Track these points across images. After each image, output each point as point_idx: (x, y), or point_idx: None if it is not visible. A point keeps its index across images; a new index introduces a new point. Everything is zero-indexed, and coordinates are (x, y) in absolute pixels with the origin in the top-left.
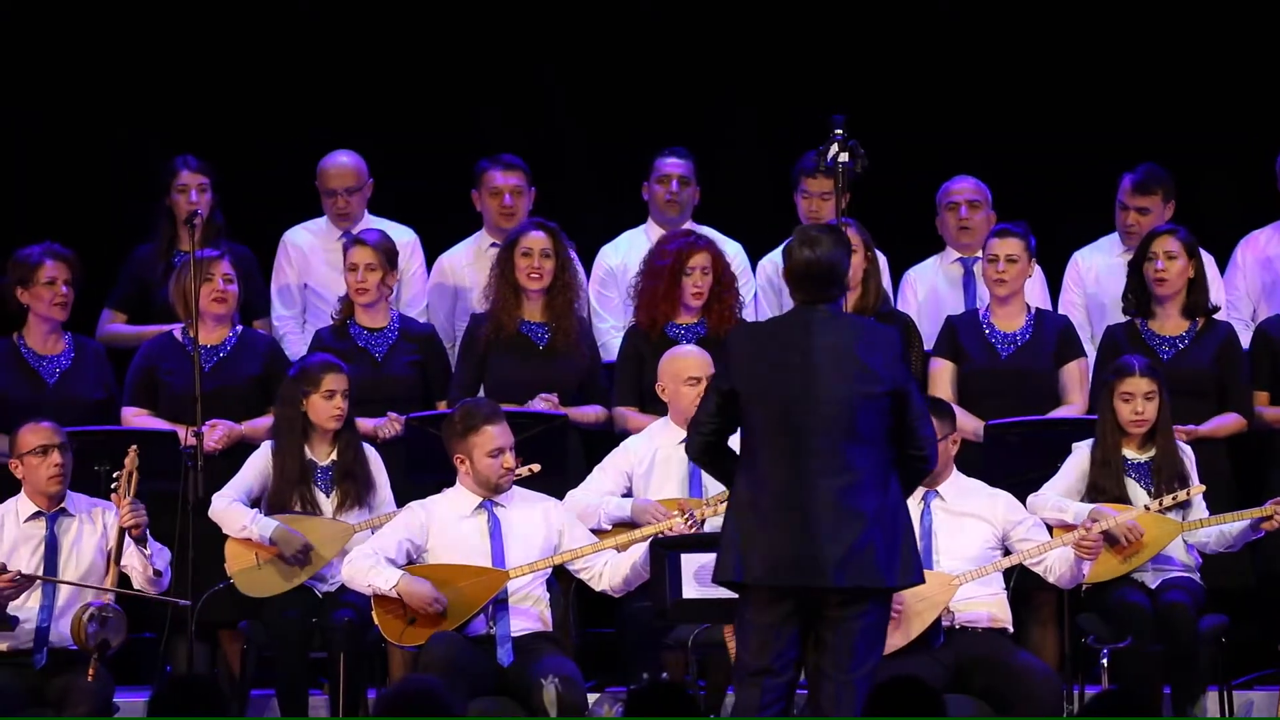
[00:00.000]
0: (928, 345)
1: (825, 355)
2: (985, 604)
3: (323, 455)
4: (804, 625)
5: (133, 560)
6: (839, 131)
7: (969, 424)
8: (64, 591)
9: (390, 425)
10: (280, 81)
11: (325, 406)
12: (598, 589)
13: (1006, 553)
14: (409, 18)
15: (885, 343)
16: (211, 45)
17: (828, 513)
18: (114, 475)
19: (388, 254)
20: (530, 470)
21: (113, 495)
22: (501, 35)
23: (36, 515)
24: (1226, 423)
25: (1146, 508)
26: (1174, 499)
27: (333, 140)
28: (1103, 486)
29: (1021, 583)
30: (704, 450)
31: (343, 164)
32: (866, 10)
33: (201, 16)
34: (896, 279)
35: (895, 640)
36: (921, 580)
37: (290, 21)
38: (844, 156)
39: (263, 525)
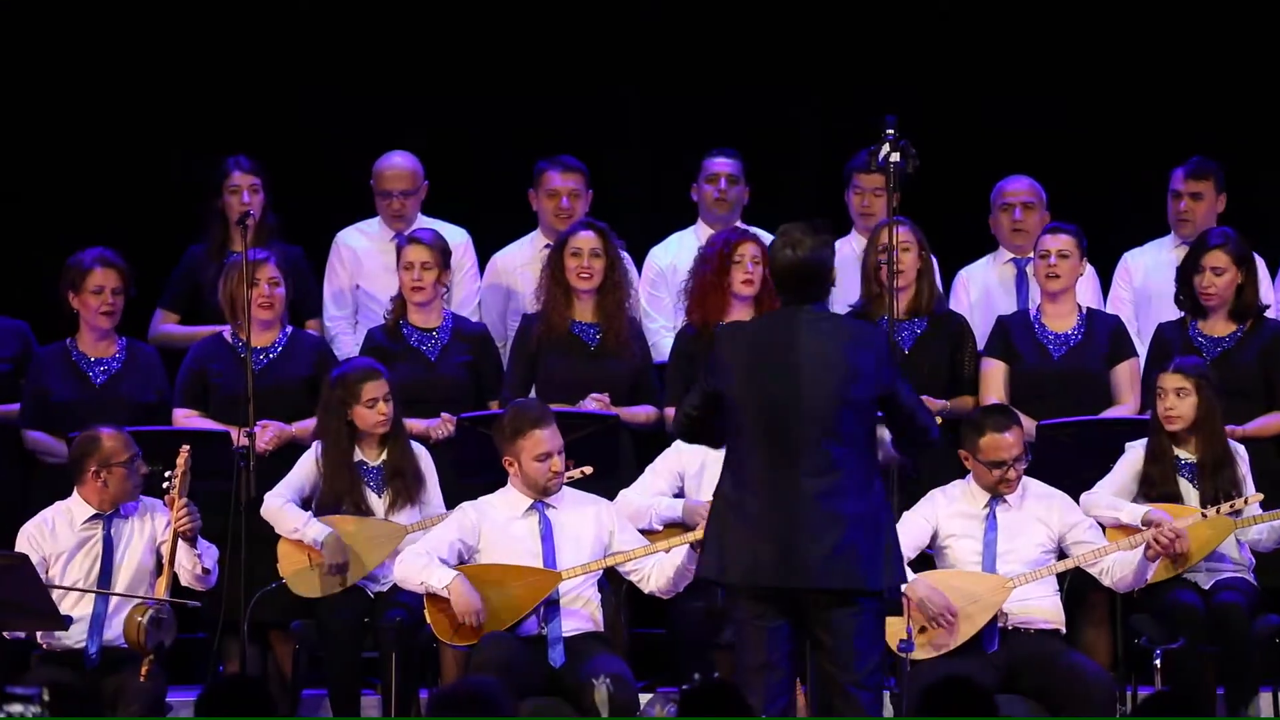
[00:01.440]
0: (980, 345)
1: (810, 357)
2: (1038, 605)
3: (373, 456)
4: (795, 621)
5: (181, 558)
6: (890, 131)
7: (1025, 424)
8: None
9: (443, 426)
10: (336, 81)
11: (369, 414)
12: (646, 590)
13: (1062, 555)
14: (466, 17)
15: (872, 344)
16: (266, 46)
17: (810, 515)
18: (167, 476)
19: (443, 253)
20: (583, 473)
21: (166, 496)
22: (556, 36)
23: (94, 518)
24: (1272, 422)
25: (1204, 514)
26: (1231, 506)
27: (388, 140)
28: (1156, 486)
29: (1075, 584)
30: (686, 433)
31: (398, 165)
32: (919, 9)
33: (257, 17)
34: (948, 278)
35: (948, 642)
36: (904, 579)
37: (347, 21)
38: (895, 156)
39: (315, 529)
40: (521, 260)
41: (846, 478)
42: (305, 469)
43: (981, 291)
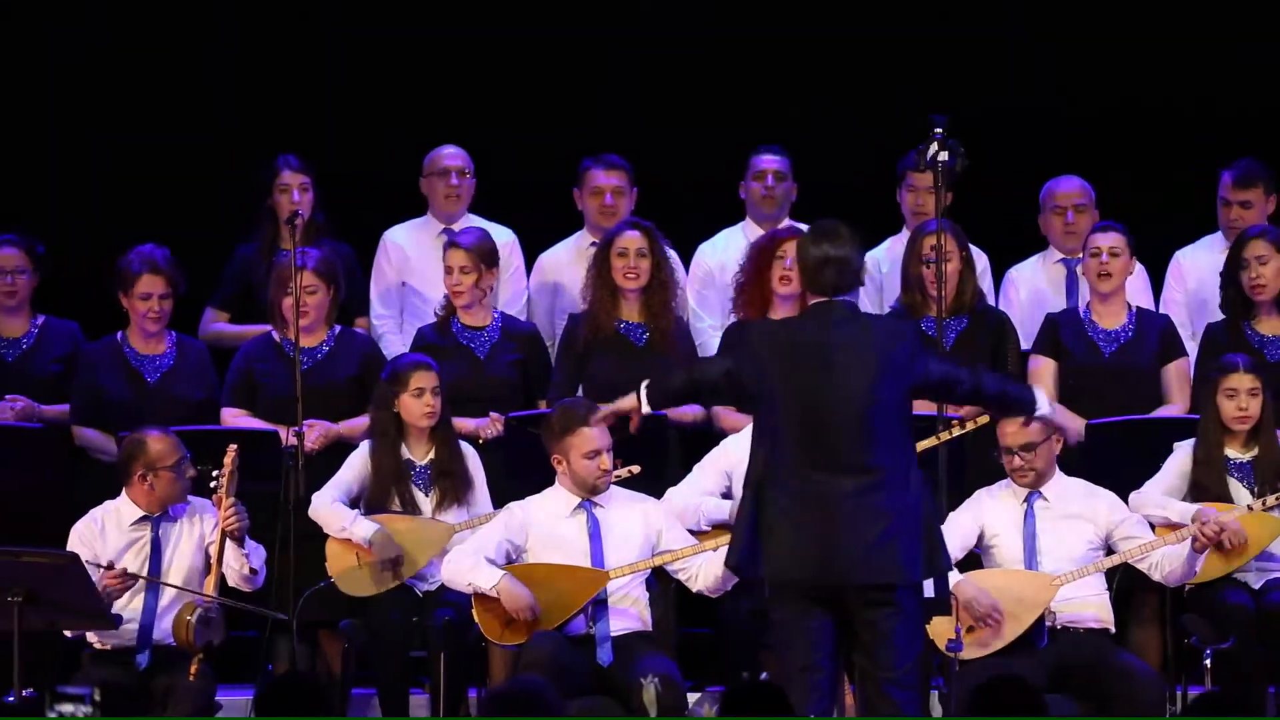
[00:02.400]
0: (1027, 344)
1: (844, 354)
2: (1087, 605)
3: (420, 454)
4: (836, 621)
5: (229, 558)
6: (939, 131)
7: (1070, 424)
8: (167, 592)
9: (492, 425)
10: (383, 80)
11: (416, 405)
12: (694, 589)
13: (1110, 552)
14: (510, 17)
15: (903, 337)
16: (315, 46)
17: (848, 511)
18: (215, 475)
19: (484, 255)
20: (630, 472)
21: (214, 495)
22: (601, 34)
23: (142, 519)
24: None
25: (1249, 507)
26: (1278, 499)
27: (435, 139)
28: (1205, 485)
29: (1124, 583)
30: (688, 394)
31: (454, 149)
32: (966, 8)
33: (309, 18)
34: (998, 277)
35: (995, 642)
36: (949, 566)
37: (392, 21)
38: (944, 155)
39: (363, 528)
40: (567, 258)
41: (885, 472)
42: (353, 469)
43: (1031, 291)
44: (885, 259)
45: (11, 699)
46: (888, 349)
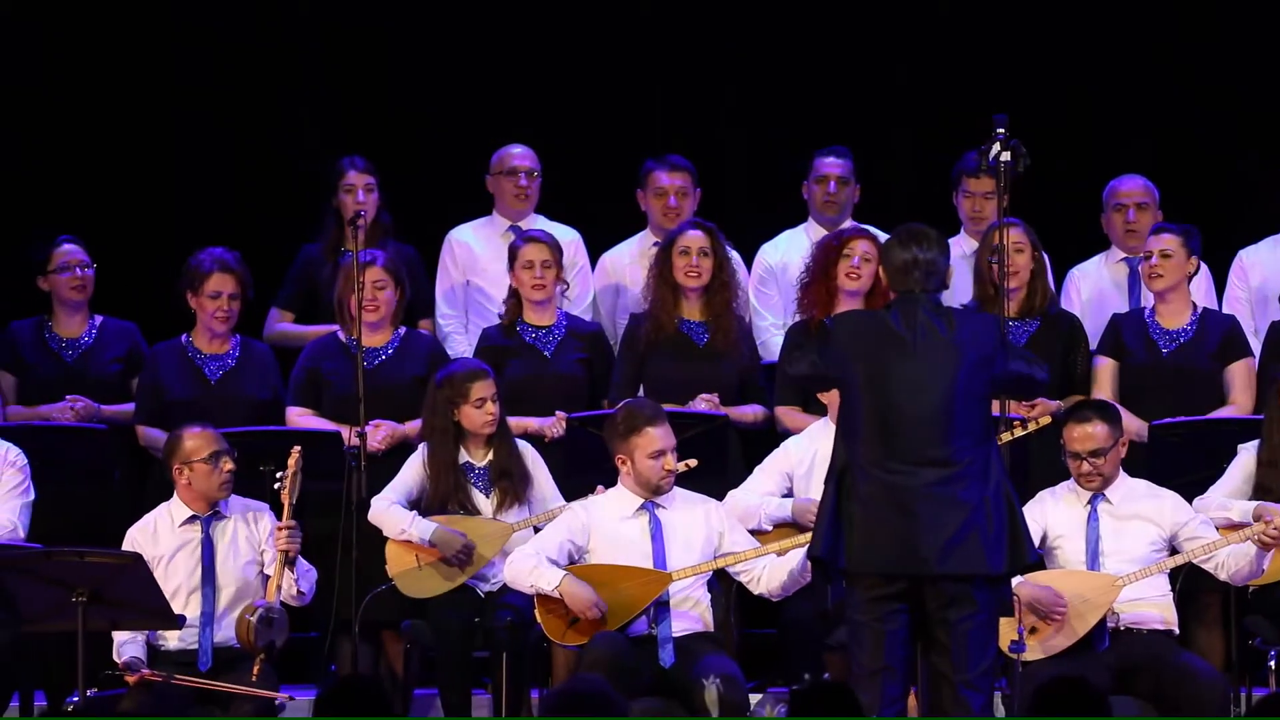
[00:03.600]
0: (1093, 344)
1: (927, 345)
2: (1151, 605)
3: (479, 456)
4: (913, 622)
5: (281, 580)
6: (1001, 131)
7: (1133, 424)
8: (226, 592)
9: (558, 425)
10: (447, 80)
11: (477, 415)
12: (756, 592)
13: (1174, 553)
14: (573, 17)
15: (986, 332)
16: (380, 47)
17: (929, 502)
18: (278, 476)
19: (559, 252)
20: (688, 465)
21: (279, 494)
22: (665, 36)
23: (192, 519)
24: None
25: None
26: None
27: (499, 139)
28: (1270, 487)
29: (1188, 584)
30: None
31: (522, 149)
32: (1029, 8)
33: (373, 18)
34: (1060, 278)
35: (1058, 642)
36: (1036, 559)
37: (457, 21)
38: (1006, 156)
39: (422, 528)
40: (630, 259)
41: (965, 464)
42: (412, 471)
43: (1093, 291)
44: None
45: (75, 699)
46: (971, 342)
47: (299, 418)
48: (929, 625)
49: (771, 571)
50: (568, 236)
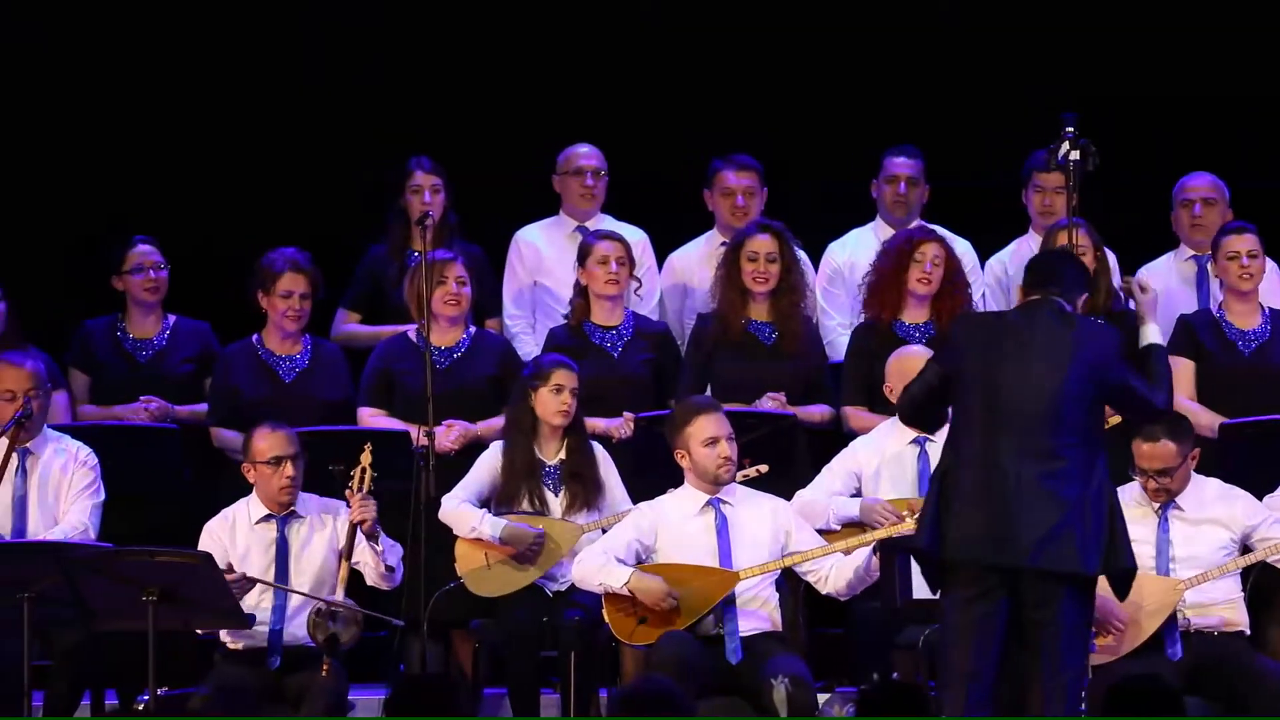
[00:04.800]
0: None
1: (1045, 348)
2: (1221, 607)
3: (550, 454)
4: (1007, 625)
5: (365, 556)
6: (1070, 129)
7: (1205, 419)
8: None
9: (625, 425)
10: (514, 81)
11: (552, 401)
12: (823, 592)
13: (1245, 552)
14: (638, 17)
15: (1106, 342)
16: (448, 48)
17: (1028, 496)
18: (349, 474)
19: (630, 250)
20: (759, 470)
21: (346, 492)
22: (732, 34)
23: (267, 518)
24: None
25: None
26: None
27: (565, 139)
28: None
29: (1259, 585)
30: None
31: (588, 148)
32: (1097, 7)
33: (440, 19)
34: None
35: (1118, 648)
36: (1132, 565)
37: (522, 21)
38: (1075, 155)
39: (492, 525)
40: (698, 258)
41: (1068, 464)
42: (483, 470)
43: (1162, 290)
44: (1011, 261)
45: (145, 698)
46: (1088, 345)
47: (370, 418)
48: (1022, 625)
49: (839, 571)
50: (634, 236)
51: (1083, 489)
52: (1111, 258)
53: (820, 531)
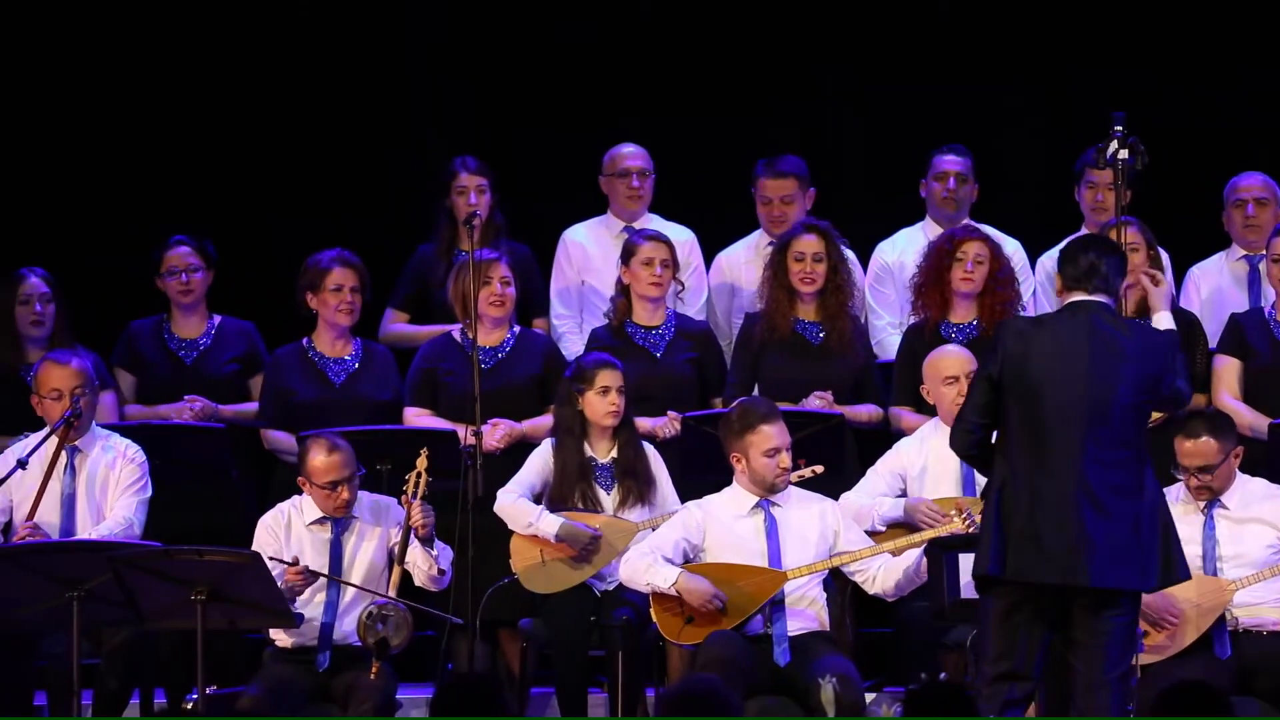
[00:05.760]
0: (1212, 343)
1: (1097, 355)
2: (1268, 607)
3: (602, 453)
4: (1051, 626)
5: (416, 558)
6: (1119, 128)
7: (1249, 419)
8: (348, 591)
9: (670, 425)
10: (563, 82)
11: (600, 403)
12: (871, 592)
13: None
14: (687, 18)
15: (1158, 347)
16: (491, 48)
17: (1087, 512)
18: (403, 477)
19: (675, 252)
20: (814, 472)
21: (401, 498)
22: (781, 34)
23: (321, 520)
24: None
25: None
26: None
27: (614, 138)
28: None
29: None
30: (970, 446)
31: (634, 148)
32: (1146, 6)
33: (489, 20)
34: (1180, 276)
35: (1169, 647)
36: (1187, 577)
37: (567, 19)
38: (1124, 153)
39: (548, 523)
40: (744, 258)
41: (1121, 477)
42: (536, 466)
43: (1213, 289)
44: None
45: (194, 697)
46: (1142, 356)
47: (416, 418)
48: (1070, 626)
49: (886, 572)
50: (683, 236)
51: (1137, 502)
52: (1165, 256)
53: (867, 532)
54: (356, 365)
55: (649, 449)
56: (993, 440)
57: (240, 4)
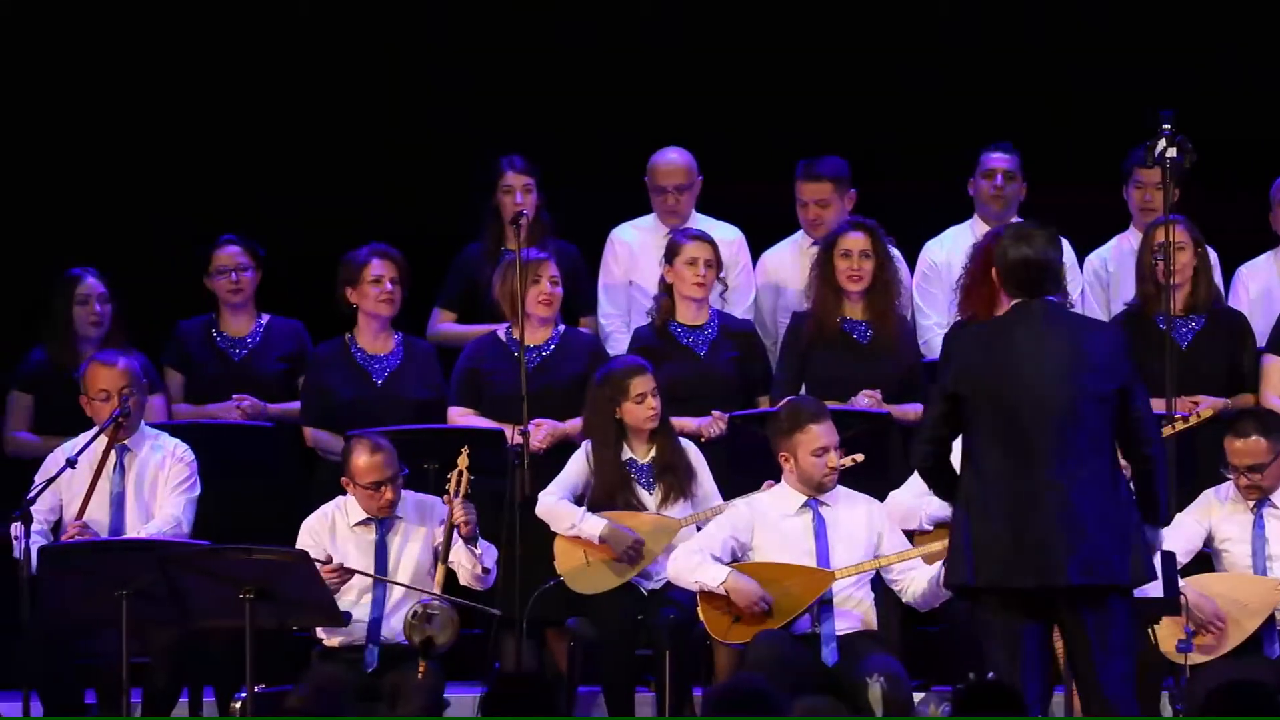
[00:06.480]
0: (1260, 342)
1: (1050, 354)
2: None
3: (642, 453)
4: (1047, 626)
5: (460, 557)
6: (1167, 127)
7: None
8: (395, 590)
9: (715, 424)
10: (611, 81)
11: (639, 410)
12: (905, 601)
13: None
14: (734, 18)
15: (1109, 339)
16: (540, 49)
17: (1058, 512)
18: (446, 476)
19: (719, 252)
20: (854, 460)
21: (444, 497)
22: (824, 33)
23: (366, 521)
24: None
25: None
26: None
27: (662, 138)
28: None
29: None
30: (925, 459)
31: (673, 161)
32: (1196, 7)
33: (537, 20)
34: (1229, 275)
35: (1217, 648)
36: (1154, 578)
37: (616, 18)
38: (1172, 152)
39: (591, 524)
40: (789, 257)
41: (1090, 473)
42: (577, 467)
43: (1262, 288)
44: (1112, 257)
45: (243, 695)
46: (1091, 346)
47: (460, 417)
48: (1064, 631)
49: (915, 582)
50: (730, 236)
51: (1110, 498)
52: (1213, 255)
53: (912, 533)
54: (399, 362)
55: (688, 444)
56: (949, 457)
57: (284, 4)
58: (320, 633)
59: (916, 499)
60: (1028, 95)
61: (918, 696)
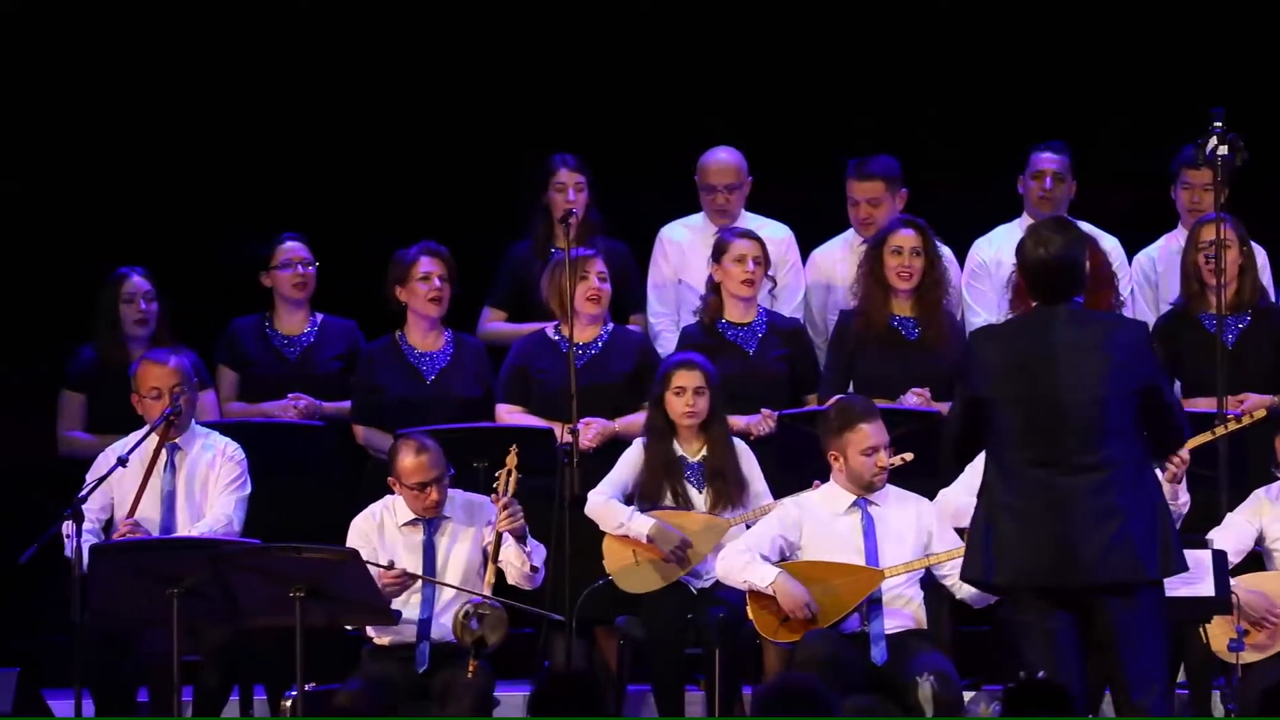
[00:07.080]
0: None
1: (1071, 353)
2: None
3: (692, 451)
4: (1078, 623)
5: (510, 556)
6: (1218, 124)
7: None
8: (445, 590)
9: (764, 422)
10: (663, 79)
11: (676, 403)
12: (958, 597)
13: None
14: (781, 17)
15: (1130, 336)
16: (592, 44)
17: (1083, 510)
18: (494, 475)
19: (767, 250)
20: (904, 459)
21: (492, 495)
22: (875, 32)
23: (414, 522)
24: None
25: None
26: None
27: (712, 137)
28: None
29: None
30: (960, 458)
31: (723, 160)
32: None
33: (585, 17)
34: (1279, 273)
35: (1270, 645)
36: (1185, 569)
37: (663, 16)
38: (1223, 150)
39: (639, 523)
40: (839, 255)
41: (1116, 470)
42: (627, 465)
43: None
44: (1160, 257)
45: (293, 694)
46: (1114, 346)
47: (508, 415)
48: (1094, 630)
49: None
50: (779, 234)
51: (1136, 493)
52: (1260, 253)
53: (964, 530)
54: (449, 360)
55: (740, 445)
56: (976, 441)
57: (336, 6)
58: (371, 631)
59: (968, 496)
60: (1077, 93)
61: (967, 696)
